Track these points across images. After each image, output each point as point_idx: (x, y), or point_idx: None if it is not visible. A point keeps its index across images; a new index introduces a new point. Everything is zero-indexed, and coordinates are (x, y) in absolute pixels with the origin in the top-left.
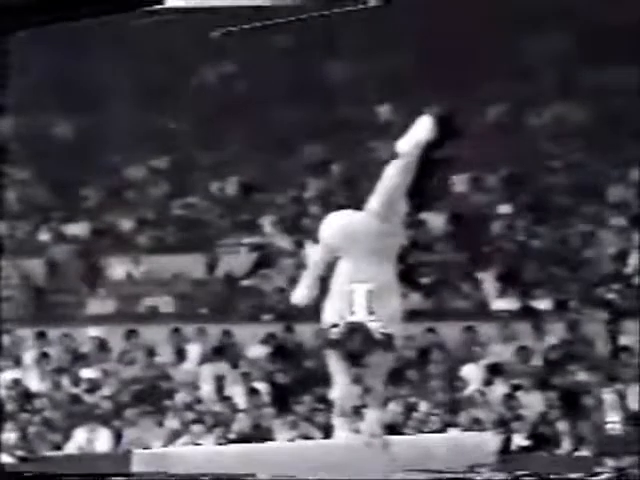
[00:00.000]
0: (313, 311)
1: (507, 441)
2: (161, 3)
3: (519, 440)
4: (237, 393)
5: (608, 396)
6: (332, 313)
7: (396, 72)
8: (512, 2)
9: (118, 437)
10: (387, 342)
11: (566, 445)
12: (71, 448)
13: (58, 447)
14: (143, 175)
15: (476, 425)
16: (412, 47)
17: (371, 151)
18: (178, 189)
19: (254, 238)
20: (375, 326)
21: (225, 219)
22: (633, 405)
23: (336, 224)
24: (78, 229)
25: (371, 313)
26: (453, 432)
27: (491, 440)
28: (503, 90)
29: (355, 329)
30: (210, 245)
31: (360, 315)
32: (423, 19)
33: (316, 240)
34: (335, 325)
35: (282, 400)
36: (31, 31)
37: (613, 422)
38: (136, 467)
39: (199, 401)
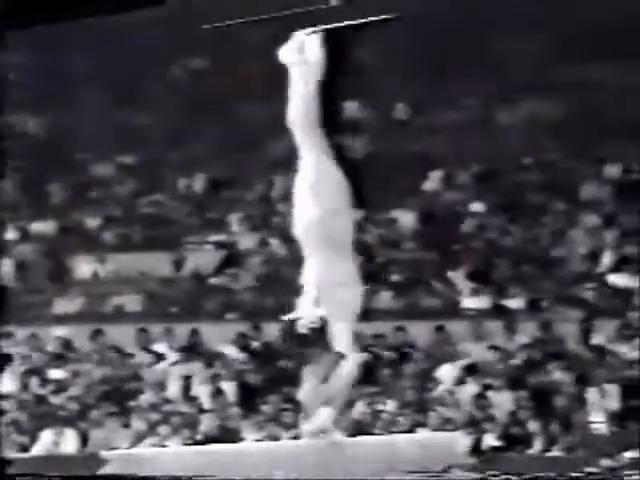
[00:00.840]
0: (280, 310)
1: (478, 441)
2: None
3: (491, 440)
4: (204, 393)
5: (591, 395)
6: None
7: (365, 68)
8: None
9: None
10: (315, 338)
11: (538, 445)
12: (38, 450)
13: (25, 449)
14: (110, 172)
15: (447, 425)
16: (381, 43)
17: (338, 148)
18: (145, 186)
19: (221, 236)
20: (303, 323)
21: (192, 217)
22: (608, 405)
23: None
24: (45, 227)
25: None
26: (423, 432)
27: (461, 440)
28: (475, 86)
29: (288, 325)
30: (177, 243)
31: (304, 311)
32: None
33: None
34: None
35: (250, 400)
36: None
37: (593, 422)
38: (109, 468)
39: (166, 401)
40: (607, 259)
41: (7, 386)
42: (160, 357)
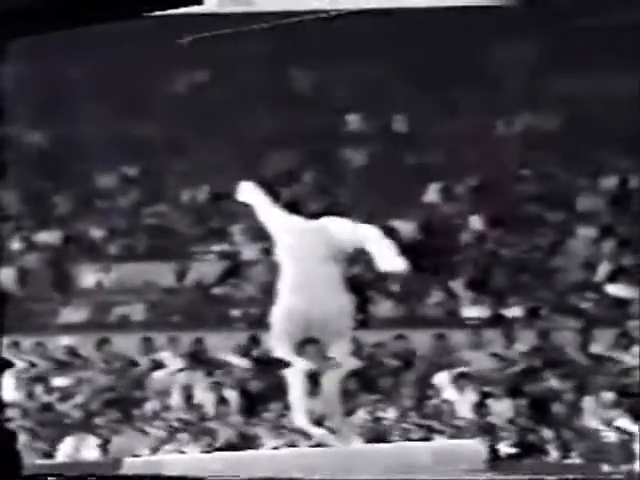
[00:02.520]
0: None
1: (491, 449)
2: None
3: (502, 447)
4: (209, 401)
5: (588, 404)
6: None
7: (365, 81)
8: (480, 11)
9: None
10: None
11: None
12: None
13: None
14: (114, 183)
15: (452, 432)
16: (381, 56)
17: (341, 159)
18: (149, 197)
19: (224, 246)
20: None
21: (195, 227)
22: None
23: None
24: (49, 237)
25: None
26: (437, 440)
27: (476, 448)
28: (473, 99)
29: None
30: (181, 253)
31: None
32: (392, 27)
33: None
34: None
35: (256, 407)
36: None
37: (595, 429)
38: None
39: (169, 409)
40: (604, 269)
41: (12, 394)
42: (163, 365)
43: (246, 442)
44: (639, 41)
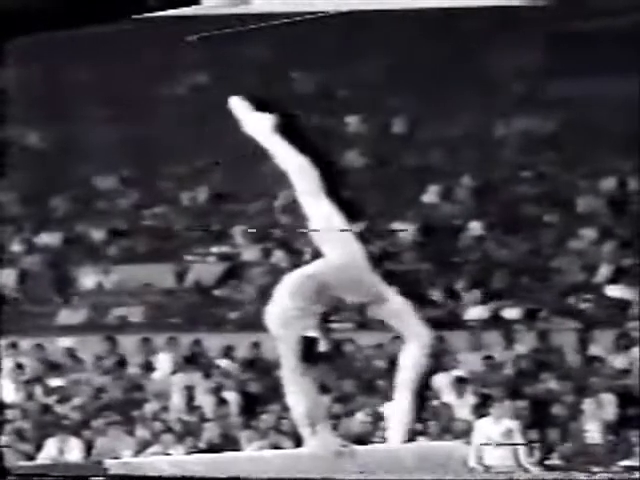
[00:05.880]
0: None
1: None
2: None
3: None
4: (207, 403)
5: (587, 406)
6: None
7: (365, 83)
8: (480, 15)
9: (89, 447)
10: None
11: (537, 454)
12: (42, 458)
13: (30, 457)
14: (113, 185)
15: (446, 434)
16: (381, 58)
17: (341, 161)
18: (148, 199)
19: (224, 248)
20: None
21: (195, 229)
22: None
23: None
24: (49, 239)
25: None
26: (422, 442)
27: (460, 450)
28: (472, 101)
29: None
30: (180, 255)
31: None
32: (392, 31)
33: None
34: None
35: (251, 409)
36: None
37: (591, 431)
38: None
39: (168, 410)
40: (604, 270)
41: (11, 395)
42: (162, 367)
43: (231, 443)
44: (638, 43)
